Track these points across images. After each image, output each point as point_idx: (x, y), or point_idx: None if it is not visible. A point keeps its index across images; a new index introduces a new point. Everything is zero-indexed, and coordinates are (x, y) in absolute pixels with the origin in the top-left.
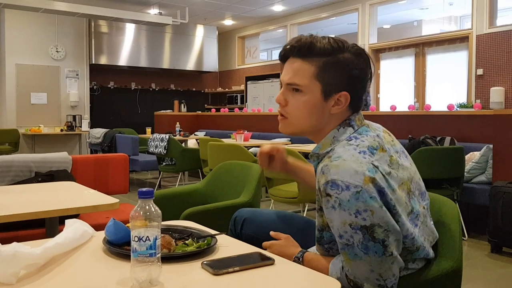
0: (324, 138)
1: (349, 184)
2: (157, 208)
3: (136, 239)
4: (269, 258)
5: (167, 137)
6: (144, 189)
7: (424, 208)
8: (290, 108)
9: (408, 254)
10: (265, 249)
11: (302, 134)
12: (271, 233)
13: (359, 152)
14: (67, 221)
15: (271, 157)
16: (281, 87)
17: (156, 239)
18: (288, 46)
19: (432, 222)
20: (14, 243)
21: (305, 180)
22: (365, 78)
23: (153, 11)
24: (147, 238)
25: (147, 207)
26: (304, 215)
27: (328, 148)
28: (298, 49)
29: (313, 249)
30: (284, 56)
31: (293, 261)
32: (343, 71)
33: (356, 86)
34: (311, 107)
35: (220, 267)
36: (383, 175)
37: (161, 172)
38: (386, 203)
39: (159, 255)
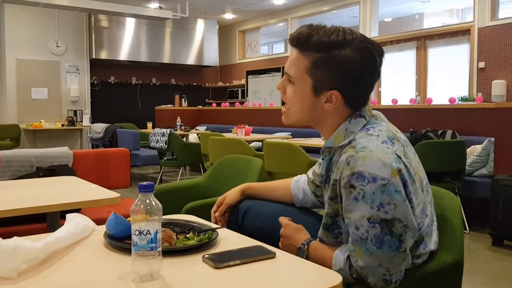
0: (336, 131)
1: (376, 176)
2: (157, 202)
3: (137, 232)
4: (270, 252)
5: (168, 131)
6: (144, 183)
7: (431, 197)
8: (287, 97)
9: (415, 248)
10: (270, 245)
11: (301, 125)
12: (282, 218)
13: (382, 142)
14: (68, 216)
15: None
16: None
17: (156, 232)
18: (290, 36)
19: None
20: (15, 238)
21: (275, 198)
22: (363, 77)
23: (153, 5)
24: (148, 232)
25: (147, 201)
26: None
27: (342, 141)
28: (297, 40)
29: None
30: (290, 45)
31: (298, 247)
32: (336, 69)
33: (350, 85)
34: (302, 100)
35: (221, 260)
36: (405, 165)
37: (163, 167)
38: (406, 195)
39: (160, 248)
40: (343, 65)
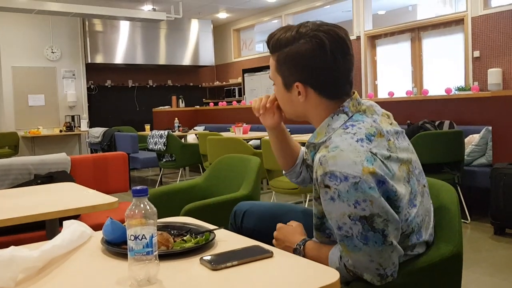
0: (319, 126)
1: (347, 175)
2: (152, 205)
3: (132, 237)
4: (267, 251)
5: (166, 133)
6: (138, 187)
7: (424, 186)
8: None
9: (406, 239)
10: (269, 242)
11: (295, 120)
12: (292, 222)
13: (357, 141)
14: (65, 223)
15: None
16: None
17: (152, 237)
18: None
19: (430, 202)
20: (12, 247)
21: (284, 144)
22: (318, 64)
23: (147, 7)
24: (143, 237)
25: (141, 205)
26: (306, 205)
27: (323, 136)
28: (267, 46)
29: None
30: None
31: (294, 248)
32: (294, 62)
33: (310, 74)
34: (281, 97)
35: (219, 262)
36: (382, 161)
37: (162, 169)
38: (386, 192)
39: (156, 252)
40: (298, 56)
